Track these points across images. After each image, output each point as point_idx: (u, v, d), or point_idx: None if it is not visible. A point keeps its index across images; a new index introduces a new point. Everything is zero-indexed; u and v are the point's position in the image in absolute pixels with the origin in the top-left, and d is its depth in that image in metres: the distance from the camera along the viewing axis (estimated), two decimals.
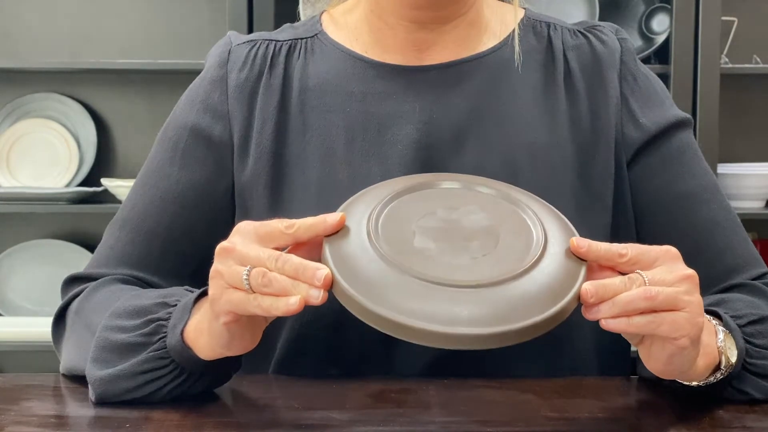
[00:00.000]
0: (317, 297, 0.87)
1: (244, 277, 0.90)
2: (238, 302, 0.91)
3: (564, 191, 1.14)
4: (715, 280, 1.14)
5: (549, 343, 1.12)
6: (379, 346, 1.11)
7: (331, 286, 0.88)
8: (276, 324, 1.06)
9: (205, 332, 0.97)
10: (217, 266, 0.93)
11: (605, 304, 0.87)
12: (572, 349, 1.14)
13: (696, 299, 0.89)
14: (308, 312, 0.97)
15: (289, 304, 0.88)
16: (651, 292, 0.87)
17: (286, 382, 1.12)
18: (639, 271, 0.89)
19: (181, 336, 0.98)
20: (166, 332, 1.00)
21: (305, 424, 0.94)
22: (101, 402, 1.01)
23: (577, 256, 0.91)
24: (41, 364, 2.87)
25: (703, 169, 1.19)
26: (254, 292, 0.90)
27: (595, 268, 0.91)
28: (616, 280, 0.88)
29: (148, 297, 1.05)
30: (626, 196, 1.17)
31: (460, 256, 0.88)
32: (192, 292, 1.03)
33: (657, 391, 1.06)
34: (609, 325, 0.87)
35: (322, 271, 0.88)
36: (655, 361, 0.92)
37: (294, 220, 0.92)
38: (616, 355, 1.18)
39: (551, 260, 0.89)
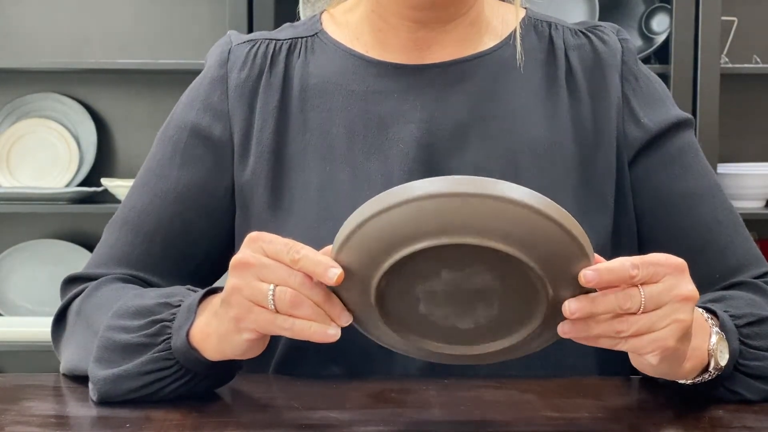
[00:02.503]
0: (336, 335, 0.89)
1: (270, 297, 0.89)
2: (265, 323, 0.90)
3: (565, 191, 1.14)
4: (716, 278, 1.14)
5: None
6: (380, 346, 1.11)
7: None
8: None
9: (213, 336, 0.96)
10: (235, 282, 0.91)
11: (580, 324, 0.87)
12: (572, 348, 1.13)
13: (681, 323, 0.88)
14: None
15: (329, 335, 0.89)
16: (622, 326, 0.86)
17: (286, 382, 1.12)
18: (640, 287, 0.87)
19: (187, 338, 0.99)
20: (170, 333, 1.00)
21: (305, 424, 0.94)
22: (103, 402, 1.01)
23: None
24: (41, 364, 2.87)
25: (704, 168, 1.19)
26: (277, 312, 0.89)
27: None
28: (611, 298, 0.86)
29: (151, 297, 1.05)
30: (627, 195, 1.17)
31: (465, 320, 0.89)
32: (193, 290, 1.03)
33: (657, 391, 1.06)
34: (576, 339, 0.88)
35: (348, 315, 0.89)
36: (635, 360, 0.94)
37: (300, 253, 0.88)
38: (615, 355, 1.18)
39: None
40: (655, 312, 0.87)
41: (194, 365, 0.99)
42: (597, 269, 0.85)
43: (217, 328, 0.96)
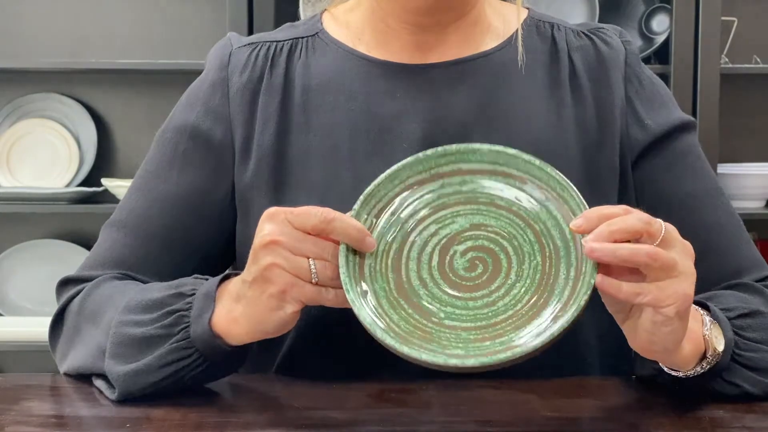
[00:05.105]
0: None
1: (313, 270, 0.94)
2: (311, 295, 0.95)
3: None
4: (717, 281, 1.14)
5: None
6: (380, 346, 1.11)
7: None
8: None
9: (242, 320, 0.97)
10: (271, 259, 0.94)
11: (609, 246, 0.87)
12: (573, 350, 1.14)
13: (691, 272, 0.90)
14: (314, 309, 0.98)
15: None
16: (653, 252, 0.87)
17: (287, 381, 1.12)
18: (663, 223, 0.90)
19: (210, 326, 0.99)
20: (188, 323, 1.00)
21: (305, 423, 0.94)
22: (124, 398, 1.01)
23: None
24: (41, 364, 2.87)
25: (706, 171, 1.19)
26: (319, 285, 0.94)
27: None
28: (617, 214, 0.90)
29: (159, 289, 1.05)
30: (630, 197, 1.17)
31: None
32: (201, 278, 1.04)
33: (657, 391, 1.06)
34: (603, 260, 0.88)
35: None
36: (640, 335, 0.91)
37: (332, 214, 0.95)
38: (616, 356, 1.18)
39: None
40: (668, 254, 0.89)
41: (213, 353, 1.00)
42: (584, 215, 0.90)
43: (246, 310, 0.97)
